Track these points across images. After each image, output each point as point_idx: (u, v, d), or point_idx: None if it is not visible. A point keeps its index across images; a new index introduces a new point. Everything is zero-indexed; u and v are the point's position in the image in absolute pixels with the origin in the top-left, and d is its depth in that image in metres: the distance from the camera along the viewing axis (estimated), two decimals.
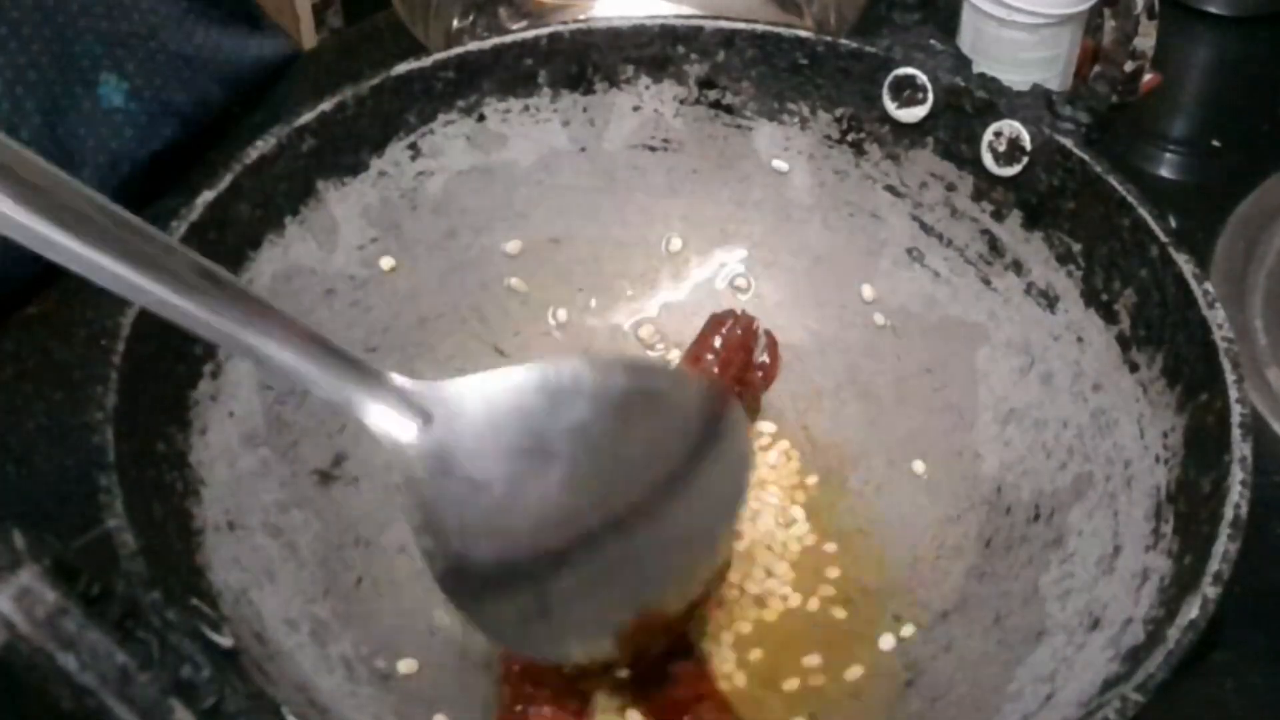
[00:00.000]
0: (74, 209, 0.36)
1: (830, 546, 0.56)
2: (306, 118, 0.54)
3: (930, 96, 0.57)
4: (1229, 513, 0.45)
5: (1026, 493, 0.54)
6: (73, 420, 0.50)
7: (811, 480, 0.58)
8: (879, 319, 0.60)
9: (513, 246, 0.60)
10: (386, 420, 0.42)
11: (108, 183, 0.62)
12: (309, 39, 0.79)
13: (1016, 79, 0.57)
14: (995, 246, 0.57)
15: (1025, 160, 0.55)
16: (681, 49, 0.59)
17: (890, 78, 0.57)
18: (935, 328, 0.59)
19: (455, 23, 0.74)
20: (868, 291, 0.60)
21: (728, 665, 0.52)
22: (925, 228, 0.59)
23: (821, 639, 0.53)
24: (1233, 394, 0.48)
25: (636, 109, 0.60)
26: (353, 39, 0.77)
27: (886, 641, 0.53)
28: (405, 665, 0.51)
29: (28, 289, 0.64)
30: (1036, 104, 0.56)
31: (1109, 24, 0.57)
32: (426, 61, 0.57)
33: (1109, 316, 0.54)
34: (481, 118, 0.58)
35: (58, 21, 0.58)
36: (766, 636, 0.53)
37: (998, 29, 0.65)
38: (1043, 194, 0.55)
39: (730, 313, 0.57)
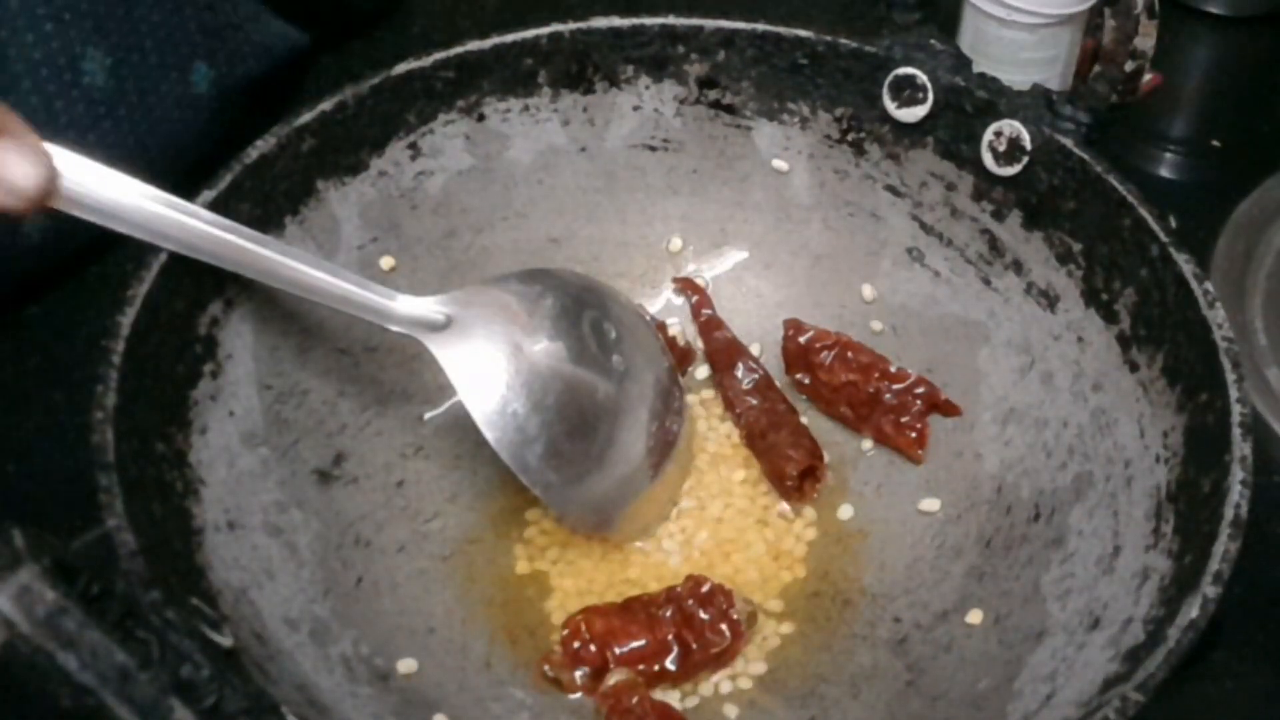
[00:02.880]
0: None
1: (830, 547, 0.56)
2: (306, 117, 0.54)
3: (930, 96, 0.57)
4: (1229, 512, 0.45)
5: (1026, 492, 0.54)
6: (73, 420, 0.50)
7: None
8: (879, 319, 0.60)
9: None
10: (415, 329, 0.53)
11: (186, 159, 0.64)
12: None
13: (1016, 79, 0.57)
14: (995, 246, 0.57)
15: (1025, 160, 0.55)
16: (681, 49, 0.59)
17: (890, 78, 0.57)
18: (935, 327, 0.59)
19: None
20: (868, 291, 0.60)
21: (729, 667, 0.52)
22: (925, 227, 0.59)
23: (822, 639, 0.53)
24: (1233, 394, 0.48)
25: (636, 109, 0.60)
26: None
27: (886, 641, 0.53)
28: (405, 665, 0.51)
29: (28, 288, 0.64)
30: (1036, 104, 0.56)
31: (1109, 24, 0.57)
32: (426, 61, 0.57)
33: (1109, 316, 0.54)
34: (481, 117, 0.58)
35: (166, 8, 0.61)
36: (767, 637, 0.53)
37: (998, 29, 0.65)
38: (1043, 194, 0.55)
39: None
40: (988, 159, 0.56)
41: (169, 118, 0.63)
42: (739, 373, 0.59)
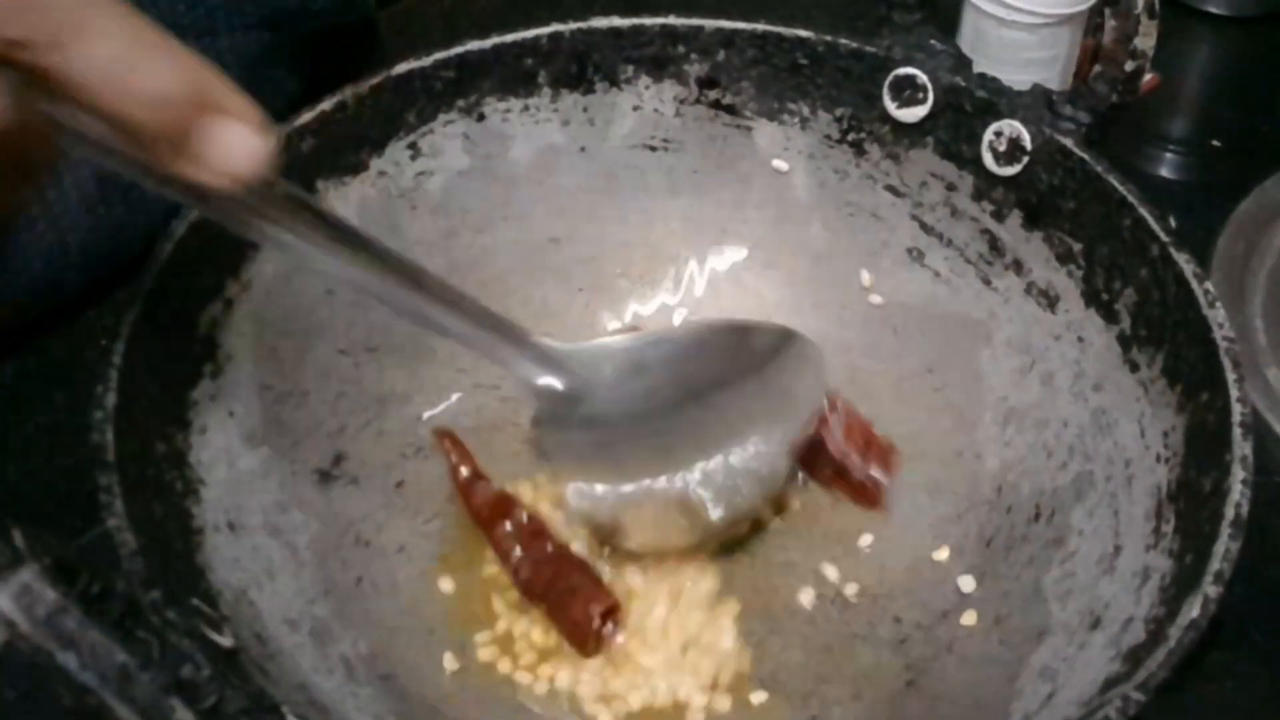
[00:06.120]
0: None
1: (831, 547, 0.56)
2: (306, 117, 0.54)
3: (930, 96, 0.57)
4: (1230, 512, 0.45)
5: (1027, 492, 0.54)
6: (73, 420, 0.50)
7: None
8: (879, 319, 0.60)
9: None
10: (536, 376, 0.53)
11: None
12: None
13: (1016, 79, 0.57)
14: (995, 246, 0.57)
15: (1025, 160, 0.55)
16: (681, 49, 0.59)
17: (890, 78, 0.57)
18: (936, 327, 0.59)
19: None
20: (868, 291, 0.60)
21: (727, 667, 0.52)
22: (925, 227, 0.59)
23: (822, 639, 0.53)
24: (1233, 393, 0.48)
25: (636, 109, 0.60)
26: None
27: (886, 641, 0.53)
28: (405, 665, 0.51)
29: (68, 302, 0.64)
30: (1036, 104, 0.56)
31: (1109, 24, 0.57)
32: (426, 61, 0.57)
33: (1109, 316, 0.54)
34: (481, 117, 0.58)
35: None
36: (767, 637, 0.53)
37: (998, 29, 0.65)
38: (1043, 194, 0.55)
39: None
40: (988, 159, 0.56)
41: None
42: (507, 527, 0.55)
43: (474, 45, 0.57)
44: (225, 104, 0.40)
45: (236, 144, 0.40)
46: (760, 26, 0.58)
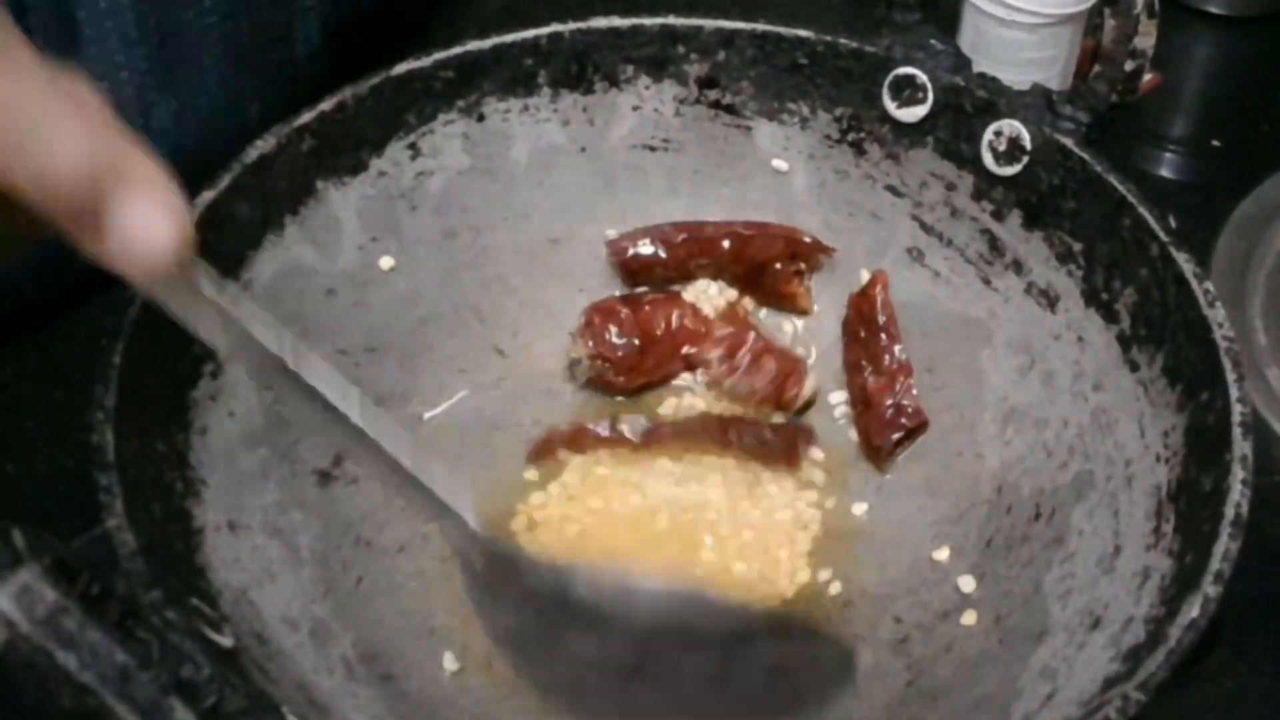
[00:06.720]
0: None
1: (831, 547, 0.56)
2: (306, 117, 0.54)
3: (930, 96, 0.57)
4: (1230, 512, 0.45)
5: (1027, 492, 0.54)
6: (73, 420, 0.50)
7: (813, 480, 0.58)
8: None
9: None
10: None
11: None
12: None
13: (1016, 79, 0.57)
14: (995, 246, 0.57)
15: (1025, 160, 0.55)
16: (681, 49, 0.59)
17: (890, 77, 0.57)
18: (936, 327, 0.59)
19: None
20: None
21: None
22: (925, 227, 0.59)
23: None
24: (1233, 393, 0.48)
25: (636, 109, 0.60)
26: None
27: (886, 641, 0.53)
28: (405, 665, 0.51)
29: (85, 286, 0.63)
30: (1036, 103, 0.56)
31: (1109, 24, 0.57)
32: (426, 61, 0.57)
33: (1109, 316, 0.54)
34: (481, 117, 0.58)
35: (231, 60, 0.63)
36: None
37: (998, 29, 0.65)
38: (1043, 193, 0.55)
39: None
40: (988, 159, 0.56)
41: (227, 151, 0.64)
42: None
43: (474, 45, 0.57)
44: (136, 176, 0.36)
45: (144, 225, 0.36)
46: (760, 26, 0.58)
